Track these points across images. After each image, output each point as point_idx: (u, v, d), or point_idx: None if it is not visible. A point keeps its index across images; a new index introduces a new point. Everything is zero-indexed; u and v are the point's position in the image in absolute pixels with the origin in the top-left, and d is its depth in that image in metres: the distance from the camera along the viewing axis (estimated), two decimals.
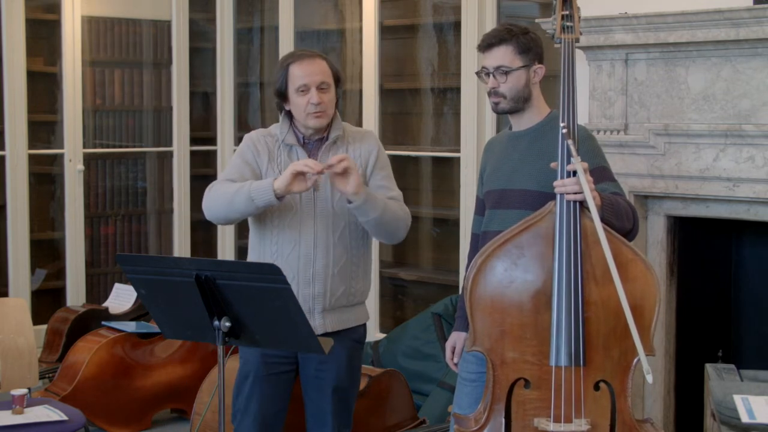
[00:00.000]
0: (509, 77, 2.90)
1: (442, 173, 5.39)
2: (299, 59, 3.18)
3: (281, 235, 3.18)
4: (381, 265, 5.43)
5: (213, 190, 3.16)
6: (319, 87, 3.14)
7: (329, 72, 3.19)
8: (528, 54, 2.90)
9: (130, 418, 4.72)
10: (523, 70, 2.91)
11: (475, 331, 2.68)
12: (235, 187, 3.08)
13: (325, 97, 3.15)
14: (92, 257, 5.86)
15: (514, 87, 2.91)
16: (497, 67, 2.91)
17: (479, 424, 2.70)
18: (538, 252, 2.65)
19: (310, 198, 3.16)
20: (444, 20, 5.27)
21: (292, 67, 3.16)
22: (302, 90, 3.13)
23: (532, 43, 2.92)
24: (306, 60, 3.17)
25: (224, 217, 3.17)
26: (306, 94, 3.13)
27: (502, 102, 2.94)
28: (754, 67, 3.57)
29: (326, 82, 3.16)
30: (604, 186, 2.79)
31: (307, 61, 3.16)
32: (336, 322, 3.22)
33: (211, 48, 6.15)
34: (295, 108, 3.17)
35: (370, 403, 4.20)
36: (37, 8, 5.63)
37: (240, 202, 3.06)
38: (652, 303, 2.62)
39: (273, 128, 3.29)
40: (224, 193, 3.10)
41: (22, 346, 4.21)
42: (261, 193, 3.02)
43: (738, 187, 3.61)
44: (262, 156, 3.20)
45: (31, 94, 5.48)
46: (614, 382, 2.63)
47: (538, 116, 2.98)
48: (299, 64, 3.16)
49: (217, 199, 3.12)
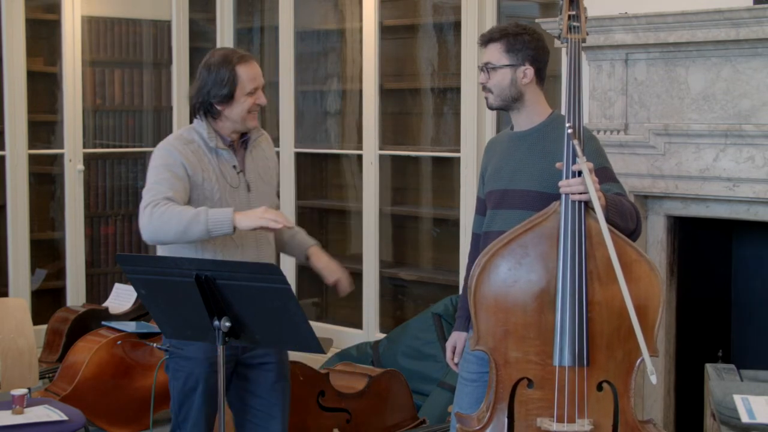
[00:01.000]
0: (494, 74, 2.94)
1: (442, 173, 5.39)
2: (244, 60, 3.13)
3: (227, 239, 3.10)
4: (381, 265, 5.43)
5: (160, 213, 2.94)
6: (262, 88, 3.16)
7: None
8: (516, 54, 2.92)
9: (130, 418, 4.71)
10: (507, 68, 2.92)
11: (478, 331, 2.69)
12: (189, 215, 2.92)
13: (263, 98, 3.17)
14: (92, 257, 5.85)
15: (498, 84, 2.94)
16: (485, 63, 2.97)
17: (482, 423, 2.70)
18: (542, 252, 2.65)
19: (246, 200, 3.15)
20: (444, 20, 5.27)
21: (240, 69, 3.10)
22: (251, 92, 3.12)
23: (523, 44, 2.92)
24: (250, 62, 3.14)
25: (171, 241, 3.01)
26: (253, 95, 3.12)
27: (490, 98, 2.99)
28: (754, 67, 3.57)
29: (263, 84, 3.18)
30: (608, 186, 2.79)
31: (251, 63, 3.14)
32: None
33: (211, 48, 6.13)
34: (238, 109, 3.11)
35: (369, 403, 4.20)
36: (37, 8, 5.62)
37: (196, 232, 2.92)
38: (656, 303, 2.62)
39: (188, 134, 3.14)
40: (177, 219, 2.92)
41: (22, 346, 4.21)
42: (219, 226, 2.91)
43: (738, 187, 3.61)
44: (194, 166, 3.07)
45: (31, 94, 5.47)
46: (617, 382, 2.63)
47: (538, 116, 2.98)
48: (246, 65, 3.12)
49: (169, 224, 2.93)
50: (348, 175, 5.86)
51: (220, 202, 3.08)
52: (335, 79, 5.80)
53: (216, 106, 3.11)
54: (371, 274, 5.41)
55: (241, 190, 3.14)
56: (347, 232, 5.86)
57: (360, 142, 5.47)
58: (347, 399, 4.16)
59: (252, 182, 3.17)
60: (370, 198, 5.39)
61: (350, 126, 5.73)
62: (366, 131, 5.39)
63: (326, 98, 5.86)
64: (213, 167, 3.11)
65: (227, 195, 3.10)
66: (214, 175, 3.10)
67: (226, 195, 3.10)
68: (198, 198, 3.07)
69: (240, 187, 3.14)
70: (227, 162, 3.14)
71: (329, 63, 5.85)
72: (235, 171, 3.14)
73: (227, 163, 3.13)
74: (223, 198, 3.09)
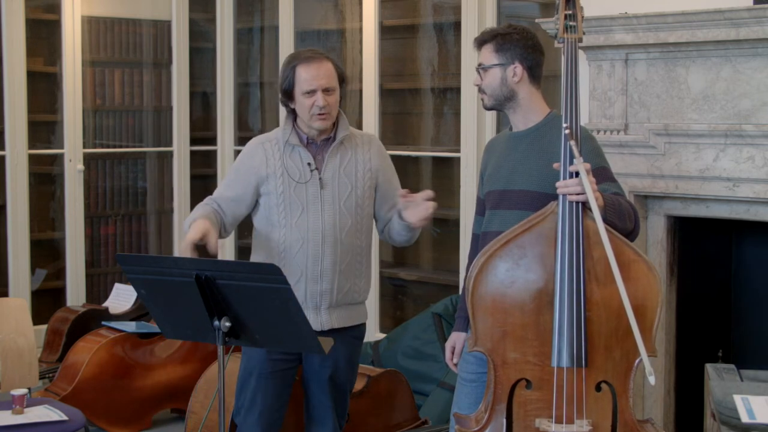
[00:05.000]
0: (486, 75, 2.96)
1: (442, 173, 5.39)
2: (307, 61, 3.19)
3: (289, 234, 3.22)
4: (381, 265, 5.43)
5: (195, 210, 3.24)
6: (324, 90, 3.17)
7: (335, 74, 3.22)
8: (505, 53, 2.93)
9: (130, 418, 4.72)
10: (498, 68, 2.93)
11: (476, 332, 2.69)
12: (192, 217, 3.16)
13: (331, 99, 3.19)
14: (92, 257, 5.86)
15: (490, 84, 2.96)
16: (479, 64, 2.99)
17: (480, 424, 2.70)
18: (540, 252, 2.65)
19: (317, 196, 3.21)
20: (444, 20, 5.27)
21: (299, 69, 3.19)
22: (308, 93, 3.16)
23: (512, 43, 2.93)
24: (314, 63, 3.19)
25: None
26: (312, 96, 3.16)
27: (484, 98, 3.01)
28: (754, 67, 3.57)
29: (332, 86, 3.19)
30: (605, 186, 2.79)
31: (315, 65, 3.18)
32: (341, 318, 3.29)
33: (211, 48, 6.15)
34: (300, 108, 3.21)
35: (369, 403, 4.20)
36: (37, 8, 5.63)
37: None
38: (654, 304, 2.62)
39: (275, 132, 3.33)
40: (187, 221, 3.18)
41: (22, 346, 4.21)
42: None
43: (738, 187, 3.61)
44: (259, 164, 3.25)
45: (31, 94, 5.48)
46: (616, 382, 2.63)
47: (535, 116, 2.98)
48: (307, 66, 3.18)
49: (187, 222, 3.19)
50: None
51: (282, 196, 3.21)
52: None
53: (288, 104, 3.24)
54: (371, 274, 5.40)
55: (311, 186, 3.22)
56: None
57: None
58: None
59: (327, 180, 3.22)
60: None
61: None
62: (366, 131, 5.38)
63: None
64: (281, 163, 3.23)
65: (292, 190, 3.22)
66: (279, 170, 3.21)
67: (291, 190, 3.22)
68: (266, 192, 3.24)
69: (310, 183, 3.22)
70: (302, 159, 3.23)
71: None
72: (309, 168, 3.22)
73: (302, 159, 3.23)
74: (287, 192, 3.22)
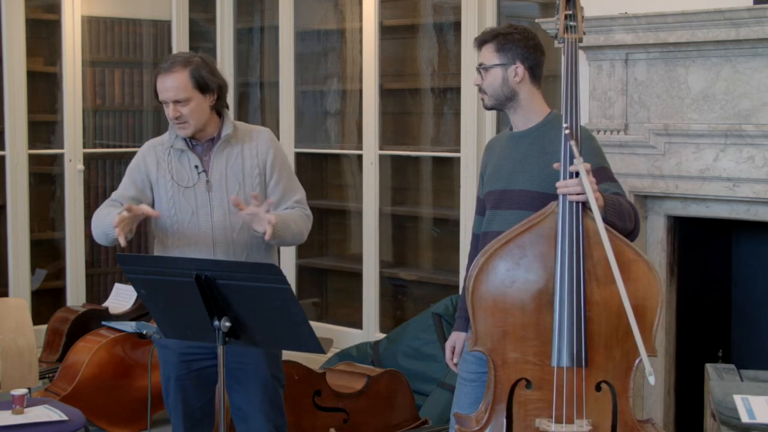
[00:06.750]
0: (487, 75, 2.96)
1: (442, 173, 5.39)
2: (162, 72, 3.16)
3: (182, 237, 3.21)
4: (381, 265, 5.43)
5: (96, 213, 3.20)
6: (174, 101, 3.14)
7: (188, 85, 3.13)
8: (506, 53, 2.93)
9: (130, 418, 4.71)
10: (499, 68, 2.93)
11: (476, 332, 2.68)
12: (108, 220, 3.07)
13: (185, 109, 3.14)
14: (92, 257, 5.85)
15: (491, 84, 2.95)
16: (479, 64, 2.99)
17: (480, 424, 2.70)
18: (540, 252, 2.65)
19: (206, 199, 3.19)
20: (444, 20, 5.27)
21: (157, 79, 3.17)
22: (164, 103, 3.17)
23: (513, 43, 2.93)
24: (167, 75, 3.14)
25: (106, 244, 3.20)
26: (167, 106, 3.16)
27: (485, 98, 3.00)
28: (754, 67, 3.57)
29: (181, 97, 3.13)
30: (605, 186, 2.79)
31: (166, 76, 3.14)
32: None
33: (211, 48, 6.14)
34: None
35: (369, 403, 4.20)
36: (37, 8, 5.62)
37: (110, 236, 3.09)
38: (654, 304, 2.62)
39: (163, 135, 3.31)
40: (101, 222, 3.14)
41: (22, 346, 4.21)
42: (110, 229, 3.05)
43: (738, 187, 3.61)
44: (150, 167, 3.24)
45: (31, 94, 5.47)
46: (616, 382, 2.63)
47: (536, 116, 2.98)
48: (161, 77, 3.16)
49: (96, 226, 3.17)
50: (348, 175, 5.86)
51: (172, 201, 3.20)
52: (335, 79, 5.80)
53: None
54: (371, 274, 5.41)
55: (198, 189, 3.20)
56: (347, 232, 5.87)
57: (360, 142, 5.48)
58: (345, 399, 4.16)
59: (215, 182, 3.20)
60: (370, 198, 5.39)
61: (350, 126, 5.73)
62: (366, 131, 5.39)
63: (326, 98, 5.86)
64: (173, 167, 3.22)
65: (181, 195, 3.20)
66: (168, 174, 3.21)
67: (179, 194, 3.20)
68: (157, 196, 3.23)
69: (197, 187, 3.20)
70: (190, 162, 3.22)
71: (329, 63, 5.85)
72: (197, 171, 3.20)
73: (190, 162, 3.22)
74: (175, 197, 3.21)
